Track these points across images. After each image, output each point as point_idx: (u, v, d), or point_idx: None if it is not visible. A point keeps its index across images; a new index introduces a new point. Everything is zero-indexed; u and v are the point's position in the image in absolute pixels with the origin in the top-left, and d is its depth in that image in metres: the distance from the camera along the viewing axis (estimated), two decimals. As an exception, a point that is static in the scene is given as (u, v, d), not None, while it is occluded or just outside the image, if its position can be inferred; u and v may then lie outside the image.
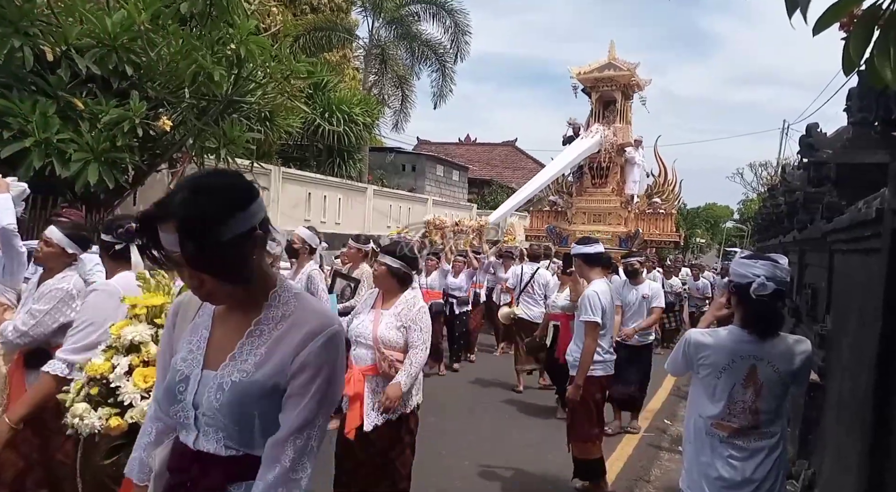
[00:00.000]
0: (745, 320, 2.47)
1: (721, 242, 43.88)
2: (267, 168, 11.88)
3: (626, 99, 15.79)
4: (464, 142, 40.12)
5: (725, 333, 2.49)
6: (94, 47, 6.40)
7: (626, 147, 15.36)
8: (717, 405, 2.46)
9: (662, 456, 5.51)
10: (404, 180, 24.46)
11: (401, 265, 3.42)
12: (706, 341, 2.49)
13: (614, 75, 15.19)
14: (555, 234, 15.44)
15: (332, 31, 19.28)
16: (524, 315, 7.82)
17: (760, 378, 2.43)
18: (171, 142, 7.50)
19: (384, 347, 3.30)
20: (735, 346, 2.44)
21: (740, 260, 2.53)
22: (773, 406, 2.46)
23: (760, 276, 2.37)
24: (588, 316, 4.23)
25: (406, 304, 3.41)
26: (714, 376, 2.46)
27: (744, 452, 2.43)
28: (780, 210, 6.95)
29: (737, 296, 2.48)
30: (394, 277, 3.43)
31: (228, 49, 6.95)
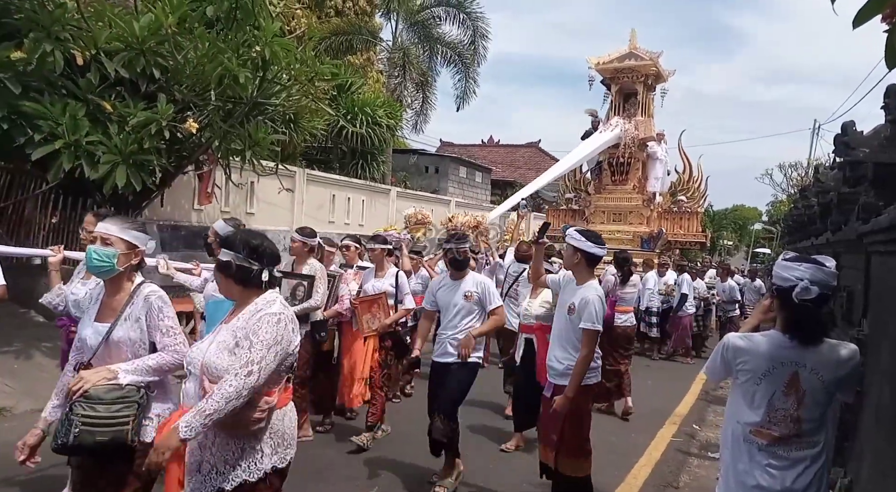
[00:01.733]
0: (787, 325, 2.36)
1: (749, 245, 43.17)
2: (292, 170, 11.95)
3: (648, 91, 14.88)
4: (487, 143, 40.03)
5: (765, 338, 2.39)
6: (123, 51, 6.51)
7: (649, 142, 14.50)
8: (756, 412, 2.37)
9: (691, 462, 5.40)
10: (427, 182, 24.46)
11: (233, 257, 2.38)
12: (745, 346, 2.39)
13: (635, 65, 14.31)
14: None
15: (356, 35, 19.37)
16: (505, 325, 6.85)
17: (803, 386, 2.32)
18: (197, 144, 7.59)
19: (209, 378, 2.28)
20: (775, 351, 2.34)
21: (783, 262, 2.40)
22: (817, 415, 2.35)
23: (804, 279, 2.26)
24: (591, 324, 3.85)
25: (250, 312, 2.35)
26: (753, 382, 2.37)
27: (784, 461, 2.34)
28: (812, 211, 6.78)
29: (778, 299, 2.38)
30: (228, 278, 2.41)
31: (254, 51, 7.00)
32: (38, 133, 6.10)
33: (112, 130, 6.48)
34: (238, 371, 2.20)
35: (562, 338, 4.04)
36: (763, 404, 2.35)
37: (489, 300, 4.49)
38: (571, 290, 4.04)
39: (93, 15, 6.53)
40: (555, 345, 4.10)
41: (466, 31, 21.13)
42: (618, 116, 14.55)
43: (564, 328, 4.03)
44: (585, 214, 15.02)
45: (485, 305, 4.49)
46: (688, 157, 15.21)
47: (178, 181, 8.60)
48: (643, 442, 5.80)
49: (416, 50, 21.08)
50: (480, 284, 4.54)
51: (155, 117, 6.50)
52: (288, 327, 2.35)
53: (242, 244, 2.41)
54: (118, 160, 6.39)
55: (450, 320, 4.52)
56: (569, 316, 3.97)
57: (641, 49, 14.45)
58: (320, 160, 16.94)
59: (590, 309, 3.87)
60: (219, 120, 7.38)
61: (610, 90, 14.90)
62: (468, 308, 4.49)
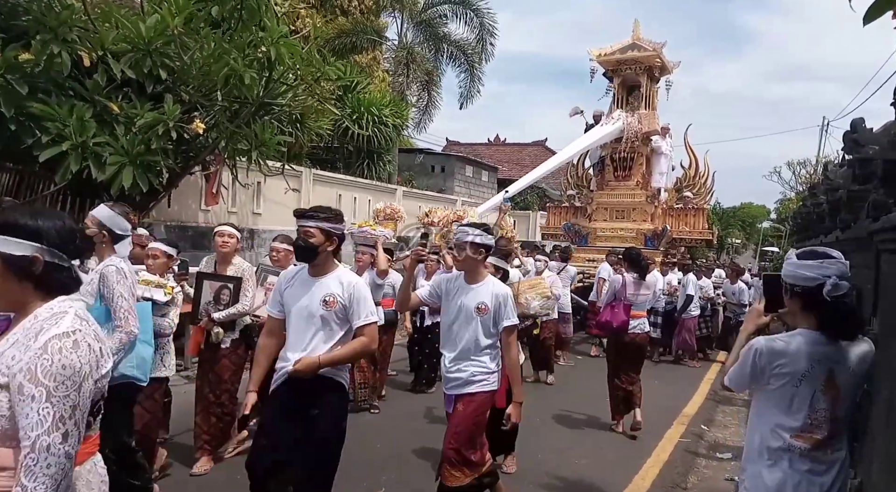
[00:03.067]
0: (825, 323, 2.28)
1: (758, 243, 42.95)
2: (298, 170, 11.98)
3: (652, 83, 14.33)
4: (493, 142, 39.97)
5: (799, 338, 2.30)
6: (130, 52, 6.53)
7: (652, 136, 13.94)
8: (796, 417, 2.28)
9: (700, 462, 5.37)
10: (433, 181, 24.46)
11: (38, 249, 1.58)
12: (781, 348, 2.28)
13: (638, 56, 13.74)
14: (573, 232, 14.28)
15: (361, 35, 19.38)
16: None
17: (839, 383, 2.27)
18: (203, 144, 7.60)
19: None
20: (813, 350, 2.26)
21: (800, 261, 2.31)
22: (849, 413, 2.32)
23: (831, 276, 2.20)
24: (513, 320, 3.58)
25: (24, 330, 1.54)
26: (792, 385, 2.27)
27: (823, 465, 2.28)
28: (821, 209, 6.73)
29: (804, 300, 2.29)
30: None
31: (260, 52, 7.01)
32: (46, 134, 6.13)
33: (119, 131, 6.50)
34: (37, 444, 1.41)
35: (467, 343, 3.54)
36: (804, 406, 2.27)
37: (357, 312, 3.14)
38: (467, 289, 3.59)
39: (100, 16, 6.56)
40: (455, 353, 3.58)
41: (473, 29, 21.10)
42: (620, 109, 14.05)
43: (472, 332, 3.54)
44: (588, 211, 14.61)
45: (350, 319, 3.15)
46: (694, 151, 14.71)
47: (184, 182, 8.62)
48: (651, 442, 5.77)
49: (421, 49, 21.07)
50: (349, 287, 3.15)
51: (162, 118, 6.52)
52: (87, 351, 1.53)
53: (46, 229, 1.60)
54: (125, 161, 6.41)
55: (296, 339, 3.15)
56: (479, 317, 3.53)
57: (644, 40, 13.95)
58: (326, 160, 16.96)
59: (510, 304, 3.60)
60: (225, 120, 7.40)
61: (612, 82, 14.44)
62: (325, 321, 3.12)
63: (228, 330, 4.56)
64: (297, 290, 3.19)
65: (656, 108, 14.43)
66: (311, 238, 3.10)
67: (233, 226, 4.71)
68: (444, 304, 3.69)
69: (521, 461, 5.08)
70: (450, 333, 3.62)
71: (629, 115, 13.87)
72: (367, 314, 3.14)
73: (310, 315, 3.10)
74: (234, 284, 4.53)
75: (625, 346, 6.06)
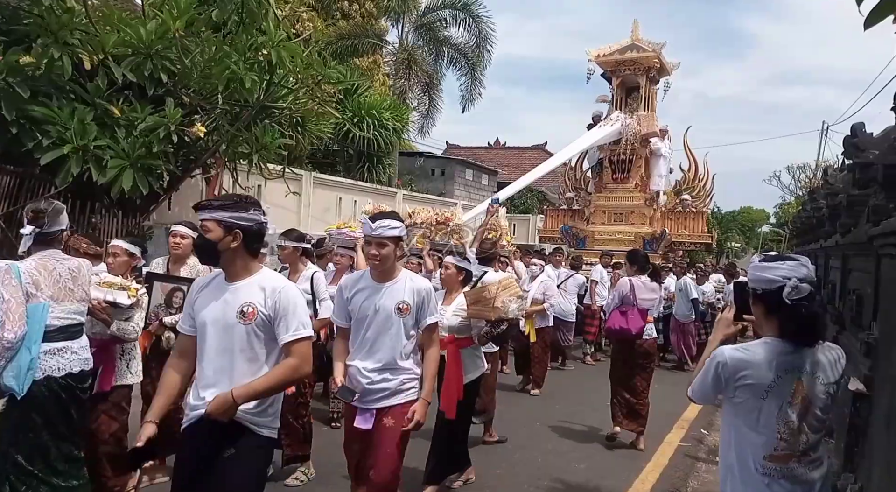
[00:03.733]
0: (783, 330, 2.15)
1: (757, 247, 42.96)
2: (298, 173, 11.98)
3: (651, 84, 14.16)
4: (493, 146, 40.02)
5: (763, 347, 2.16)
6: (131, 55, 6.55)
7: (651, 137, 13.71)
8: (765, 432, 2.13)
9: (700, 467, 5.36)
10: (433, 185, 24.48)
11: None
12: (746, 357, 2.13)
13: (637, 57, 13.57)
14: (570, 235, 14.09)
15: (362, 38, 19.44)
16: None
17: (808, 394, 2.13)
18: (204, 148, 7.61)
19: None
20: (778, 359, 2.11)
21: (760, 264, 2.20)
22: (823, 424, 2.17)
23: (791, 278, 2.09)
24: (436, 316, 3.40)
25: None
26: (757, 398, 2.12)
27: (804, 485, 2.14)
28: (821, 213, 6.73)
29: (765, 304, 2.18)
30: None
31: (260, 55, 7.03)
32: (47, 138, 6.15)
33: (120, 134, 6.51)
34: None
35: (391, 350, 3.19)
36: (771, 420, 2.12)
37: (285, 325, 2.49)
38: (380, 288, 3.22)
39: (101, 20, 6.56)
40: (375, 362, 3.18)
41: (472, 34, 21.19)
42: (619, 111, 13.90)
43: (393, 336, 3.19)
44: (585, 213, 14.44)
45: (276, 332, 2.50)
46: (693, 154, 14.54)
47: (185, 185, 8.62)
48: (650, 446, 5.77)
49: (422, 52, 21.13)
50: (273, 294, 2.51)
51: (163, 122, 6.53)
52: None
53: None
54: (126, 164, 6.43)
55: (210, 365, 2.52)
56: (401, 318, 3.20)
57: (644, 40, 13.81)
58: (327, 163, 16.98)
59: (433, 299, 3.35)
60: (226, 123, 7.41)
61: (611, 84, 14.28)
62: (246, 338, 2.49)
63: None
64: (209, 299, 2.55)
65: (655, 110, 14.29)
66: (207, 233, 2.49)
67: (190, 226, 4.16)
68: (350, 308, 3.26)
69: (521, 466, 5.08)
70: (364, 341, 3.21)
71: (627, 117, 13.75)
72: (297, 327, 2.49)
73: (225, 330, 2.48)
74: (189, 286, 3.86)
75: (634, 353, 5.74)
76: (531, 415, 6.68)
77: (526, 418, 6.53)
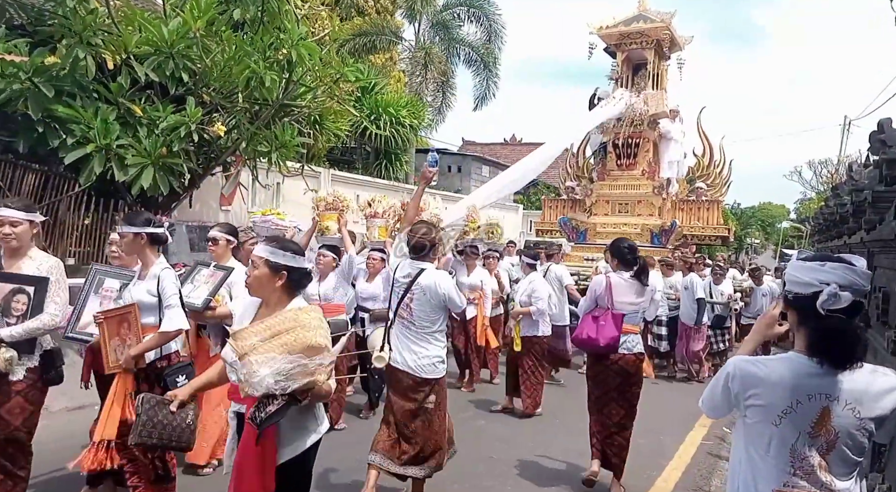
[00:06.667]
0: (811, 345, 1.81)
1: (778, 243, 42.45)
2: (317, 170, 12.05)
3: (661, 59, 12.56)
4: (509, 142, 39.90)
5: (784, 363, 1.83)
6: (153, 54, 6.62)
7: (660, 119, 12.16)
8: (775, 464, 1.82)
9: (723, 465, 5.32)
10: (450, 181, 24.47)
11: None
12: (758, 373, 1.82)
13: (645, 28, 12.02)
14: (569, 227, 12.56)
15: (378, 35, 19.51)
16: (396, 363, 3.88)
17: (836, 427, 1.77)
18: (224, 146, 7.68)
19: None
20: (800, 380, 1.78)
21: (801, 263, 1.86)
22: (852, 465, 1.80)
23: (831, 283, 1.75)
24: None
25: None
26: (769, 423, 1.81)
27: None
28: (844, 210, 6.64)
29: (797, 311, 1.85)
30: None
31: (280, 54, 7.07)
32: (71, 137, 6.24)
33: (142, 133, 6.59)
34: None
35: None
36: (784, 451, 1.80)
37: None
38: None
39: (123, 20, 6.65)
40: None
41: (484, 31, 21.26)
42: (623, 89, 12.37)
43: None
44: (587, 204, 12.90)
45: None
46: (708, 137, 12.94)
47: (206, 182, 8.71)
48: (672, 445, 5.73)
49: (437, 49, 21.16)
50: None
51: (184, 120, 6.59)
52: None
53: None
54: (147, 163, 6.50)
55: None
56: None
57: (652, 10, 12.30)
58: (344, 160, 17.05)
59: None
60: (246, 122, 7.47)
61: (615, 59, 12.74)
62: None
63: (24, 353, 3.19)
64: None
65: (666, 89, 12.69)
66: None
67: (24, 209, 3.26)
68: None
69: (541, 463, 5.07)
70: None
71: (633, 95, 12.24)
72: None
73: None
74: (37, 288, 3.21)
75: (605, 372, 4.44)
76: (548, 411, 6.57)
77: (543, 415, 6.47)
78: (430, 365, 3.84)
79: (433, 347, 3.87)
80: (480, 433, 5.76)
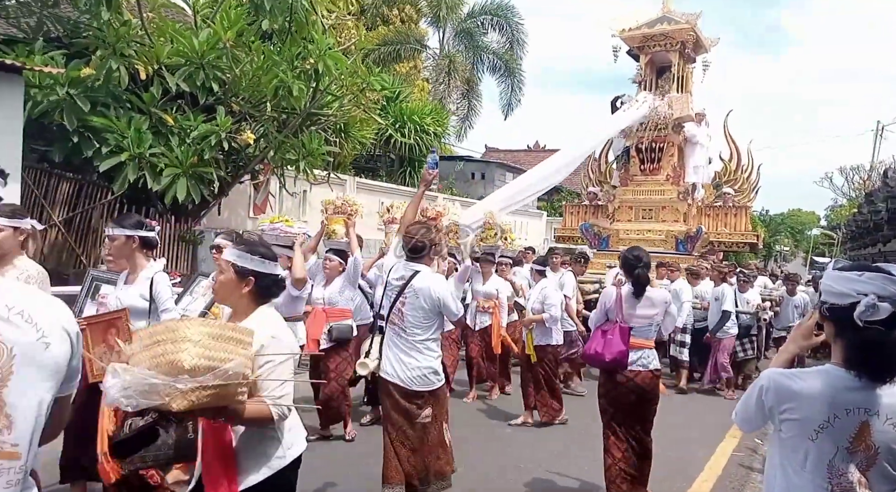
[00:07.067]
0: (850, 358, 1.77)
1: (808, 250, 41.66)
2: (342, 178, 12.15)
3: (686, 62, 12.34)
4: (533, 149, 39.77)
5: (820, 376, 1.79)
6: (184, 65, 6.74)
7: (686, 122, 11.87)
8: (809, 479, 1.78)
9: (755, 477, 5.21)
10: (473, 188, 24.45)
11: None
12: (793, 387, 1.79)
13: (669, 30, 11.75)
14: (591, 234, 12.31)
15: (403, 44, 19.68)
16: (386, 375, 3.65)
17: (874, 441, 1.73)
18: (253, 154, 7.78)
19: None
20: (836, 394, 1.75)
21: (837, 273, 1.82)
22: (893, 482, 1.77)
23: (869, 294, 1.71)
24: None
25: None
26: (805, 438, 1.77)
27: None
28: (879, 217, 6.52)
29: (834, 322, 1.81)
30: None
31: (307, 64, 7.15)
32: (105, 146, 6.38)
33: (173, 142, 6.72)
34: None
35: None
36: (821, 467, 1.76)
37: None
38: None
39: (155, 31, 6.79)
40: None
41: (507, 39, 21.31)
42: (646, 92, 12.14)
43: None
44: (610, 209, 12.56)
45: None
46: (735, 141, 12.52)
47: (234, 190, 8.83)
48: (703, 456, 5.62)
49: (461, 57, 21.26)
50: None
51: (214, 129, 6.70)
52: None
53: None
54: (179, 172, 6.62)
55: None
56: None
57: (676, 12, 12.01)
58: (368, 168, 17.18)
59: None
60: (274, 130, 7.57)
61: (639, 61, 12.46)
62: None
63: None
64: None
65: (691, 92, 12.45)
66: None
67: (9, 215, 3.11)
68: None
69: (568, 472, 5.02)
70: None
71: (657, 99, 11.99)
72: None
73: None
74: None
75: (618, 390, 4.13)
76: (573, 420, 6.50)
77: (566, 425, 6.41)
78: (420, 377, 3.53)
79: (425, 358, 3.56)
80: (509, 442, 5.75)
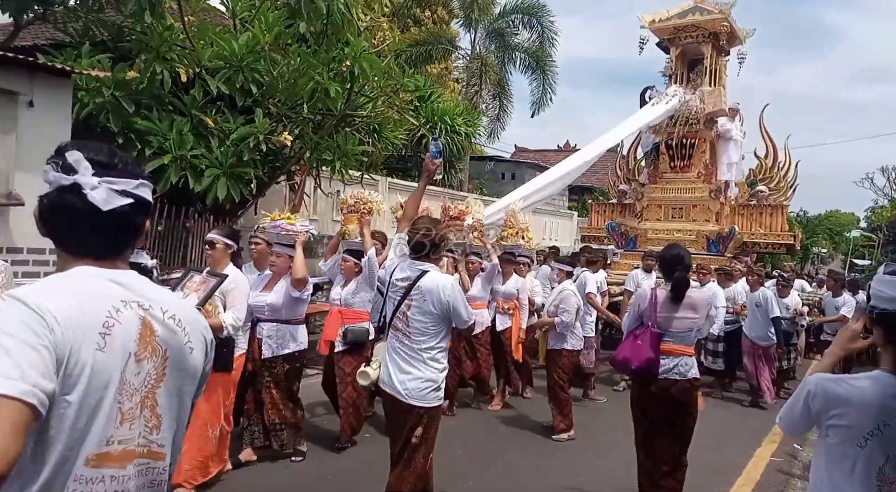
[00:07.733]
0: None
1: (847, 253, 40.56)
2: (375, 179, 12.24)
3: (719, 54, 11.79)
4: (563, 148, 39.50)
5: (869, 383, 1.77)
6: (224, 68, 6.88)
7: (718, 117, 11.32)
8: (859, 488, 1.75)
9: (794, 483, 5.13)
10: (504, 188, 24.38)
11: None
12: (841, 393, 1.77)
13: (701, 21, 11.20)
14: (618, 233, 11.89)
15: (435, 45, 19.72)
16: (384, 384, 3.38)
17: None
18: (289, 155, 7.90)
19: None
20: (886, 401, 1.72)
21: (887, 277, 1.80)
22: None
23: None
24: None
25: None
26: (854, 445, 1.74)
27: None
28: (927, 219, 6.32)
29: (884, 328, 1.79)
30: None
31: (343, 66, 7.23)
32: (149, 148, 6.54)
33: (214, 143, 6.86)
34: None
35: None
36: (871, 474, 1.73)
37: None
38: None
39: (196, 35, 6.94)
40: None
41: (538, 37, 21.17)
42: (677, 85, 11.62)
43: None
44: (637, 208, 12.10)
45: None
46: (771, 137, 11.92)
47: (270, 190, 8.97)
48: (741, 462, 5.55)
49: (493, 58, 21.22)
50: None
51: (253, 131, 6.83)
52: None
53: None
54: (219, 173, 6.76)
55: None
56: None
57: (709, 1, 11.41)
58: (400, 169, 17.25)
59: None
60: (310, 131, 7.67)
61: (669, 54, 11.93)
62: None
63: None
64: None
65: (724, 86, 11.87)
66: None
67: None
68: None
69: (602, 480, 4.99)
70: None
71: (688, 92, 11.51)
72: None
73: None
74: None
75: (652, 398, 3.87)
76: (607, 425, 6.44)
77: (602, 428, 6.36)
78: (418, 389, 3.18)
79: (428, 370, 3.20)
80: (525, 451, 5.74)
